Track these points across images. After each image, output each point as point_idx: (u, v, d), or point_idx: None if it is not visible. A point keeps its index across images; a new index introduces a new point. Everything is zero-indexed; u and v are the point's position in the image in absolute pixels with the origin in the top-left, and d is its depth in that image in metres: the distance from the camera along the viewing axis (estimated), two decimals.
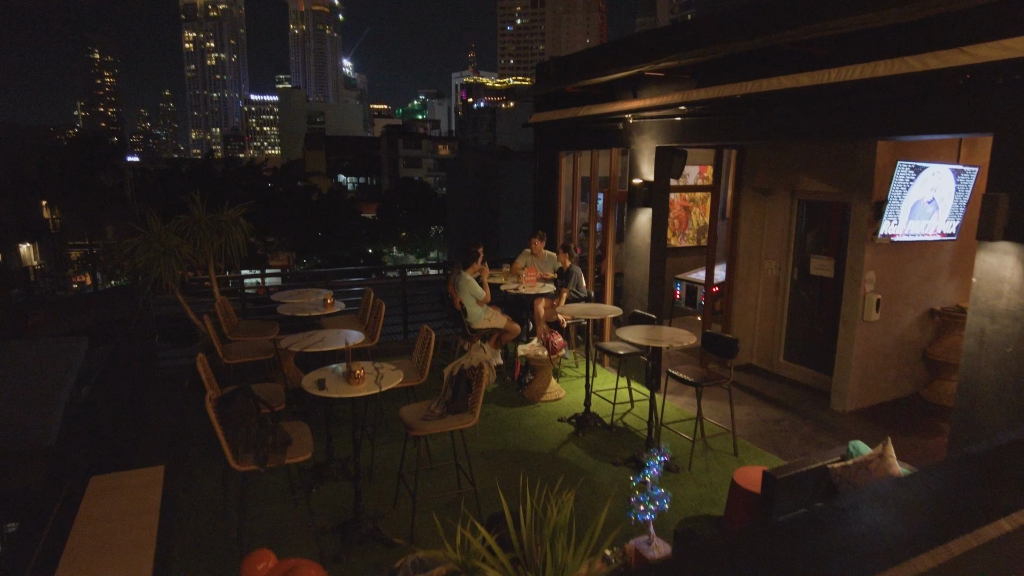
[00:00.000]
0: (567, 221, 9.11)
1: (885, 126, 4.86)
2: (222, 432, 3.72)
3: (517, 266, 7.83)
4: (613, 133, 7.43)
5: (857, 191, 6.42)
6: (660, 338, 5.14)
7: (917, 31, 4.25)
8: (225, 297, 6.79)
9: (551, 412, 6.50)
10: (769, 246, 7.99)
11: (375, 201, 57.82)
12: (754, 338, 8.22)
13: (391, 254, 54.13)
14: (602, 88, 7.35)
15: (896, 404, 6.89)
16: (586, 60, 8.14)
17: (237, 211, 6.97)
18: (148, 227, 6.43)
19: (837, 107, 5.00)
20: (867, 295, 6.49)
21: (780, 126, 5.49)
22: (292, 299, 6.59)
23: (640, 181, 6.96)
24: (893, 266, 6.60)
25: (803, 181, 7.38)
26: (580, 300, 7.30)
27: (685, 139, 6.54)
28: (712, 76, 5.83)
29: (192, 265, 7.01)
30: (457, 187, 44.43)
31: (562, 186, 9.03)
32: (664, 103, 6.36)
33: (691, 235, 10.22)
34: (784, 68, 5.11)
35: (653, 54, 6.35)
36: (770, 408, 6.80)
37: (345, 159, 72.92)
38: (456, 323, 7.24)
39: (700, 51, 5.43)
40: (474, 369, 4.19)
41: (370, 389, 3.81)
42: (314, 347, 4.72)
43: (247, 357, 5.87)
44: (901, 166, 5.83)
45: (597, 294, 8.19)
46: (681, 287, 8.86)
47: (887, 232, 6.12)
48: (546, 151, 9.03)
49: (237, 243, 6.92)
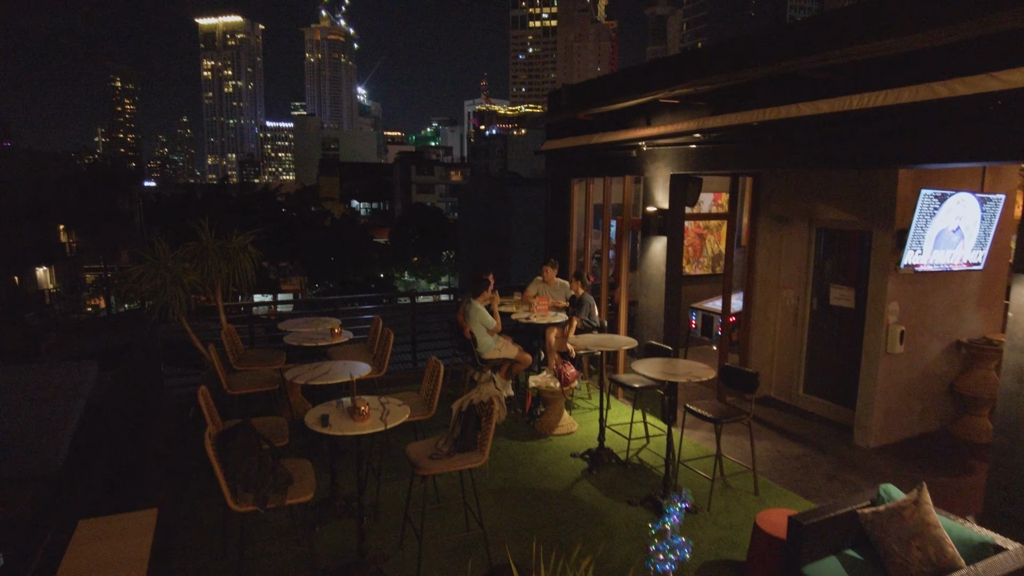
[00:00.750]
0: (579, 248, 8.98)
1: (909, 154, 4.71)
2: (221, 470, 3.57)
3: (528, 294, 7.69)
4: (626, 160, 7.33)
5: (878, 219, 6.25)
6: (677, 372, 4.95)
7: (942, 56, 4.12)
8: (232, 325, 6.69)
9: (563, 447, 6.29)
10: (787, 275, 7.80)
11: (387, 226, 58.18)
12: (772, 369, 7.99)
13: (402, 279, 54.26)
14: (615, 115, 7.27)
15: (923, 440, 6.62)
16: (599, 88, 8.09)
17: (246, 238, 6.90)
18: (155, 254, 6.37)
19: (859, 134, 4.85)
20: (890, 326, 6.27)
21: (799, 154, 5.35)
22: (300, 328, 6.47)
23: (655, 209, 6.83)
24: (917, 297, 6.39)
25: (821, 209, 7.21)
26: (593, 329, 7.12)
27: (700, 167, 6.41)
28: (728, 103, 5.72)
29: (201, 290, 6.92)
30: (468, 212, 44.62)
31: (574, 213, 8.92)
32: (679, 130, 6.25)
33: (706, 263, 10.06)
34: (803, 94, 4.98)
35: (667, 81, 6.26)
36: (790, 443, 6.55)
37: (358, 185, 73.66)
38: (466, 353, 7.08)
39: (716, 78, 5.32)
40: (484, 404, 4.02)
41: (375, 427, 3.66)
42: (319, 380, 4.58)
43: (252, 388, 5.74)
44: (925, 195, 5.67)
45: (610, 323, 8.02)
46: (697, 316, 8.67)
47: (911, 262, 5.93)
48: (558, 178, 8.94)
49: (245, 270, 6.84)
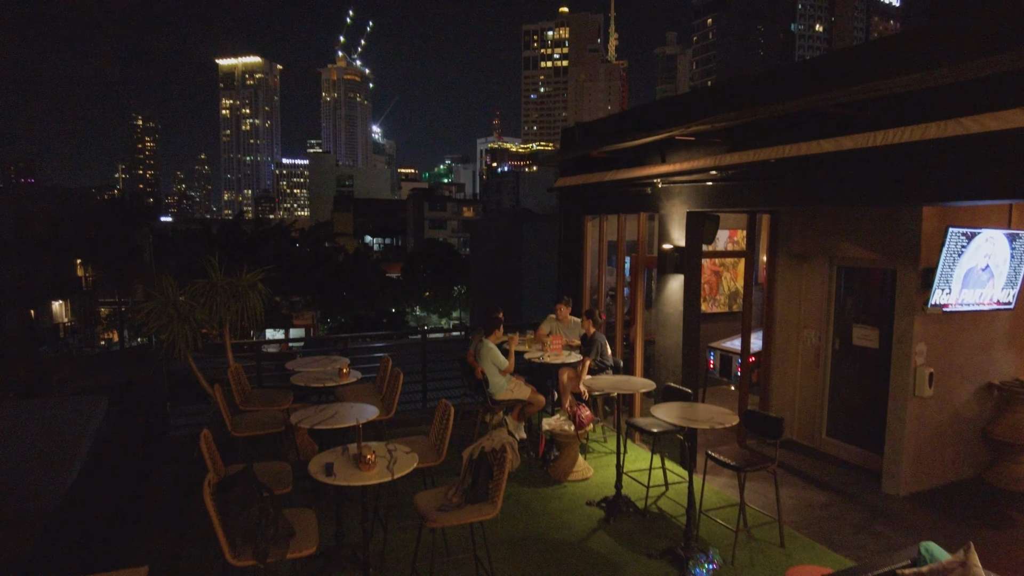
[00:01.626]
0: (593, 286, 8.83)
1: (937, 191, 4.56)
2: (220, 522, 3.39)
3: (541, 332, 7.51)
4: (641, 197, 7.23)
5: (902, 258, 6.06)
6: (698, 418, 4.74)
7: (970, 91, 3.99)
8: (239, 364, 6.57)
9: (578, 494, 6.04)
10: (807, 314, 7.59)
11: (400, 261, 58.46)
12: (794, 412, 7.72)
13: (414, 313, 54.25)
14: (629, 152, 7.20)
15: (956, 488, 6.29)
16: (612, 125, 8.05)
17: (255, 275, 6.83)
18: (163, 291, 6.30)
19: (883, 171, 4.72)
20: (918, 368, 6.03)
21: (821, 191, 5.21)
22: (308, 367, 6.34)
23: (671, 247, 6.69)
24: (945, 337, 6.15)
25: (842, 247, 7.04)
26: (606, 369, 6.92)
27: (717, 204, 6.29)
28: (746, 139, 5.62)
29: (209, 328, 6.82)
30: (480, 248, 44.76)
31: (587, 250, 8.80)
32: (695, 167, 6.15)
33: (722, 300, 9.85)
34: (824, 131, 4.87)
35: (683, 118, 6.18)
36: (816, 491, 6.26)
37: (372, 221, 74.45)
38: (477, 393, 6.89)
39: (734, 114, 5.23)
40: (496, 452, 3.83)
41: (382, 476, 3.48)
42: (325, 424, 4.42)
43: (257, 430, 5.58)
44: (952, 233, 5.49)
45: (626, 363, 7.81)
46: (715, 356, 8.44)
47: (939, 302, 5.73)
48: (571, 215, 8.85)
49: (254, 308, 6.75)
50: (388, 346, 11.23)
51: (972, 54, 3.86)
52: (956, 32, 4.25)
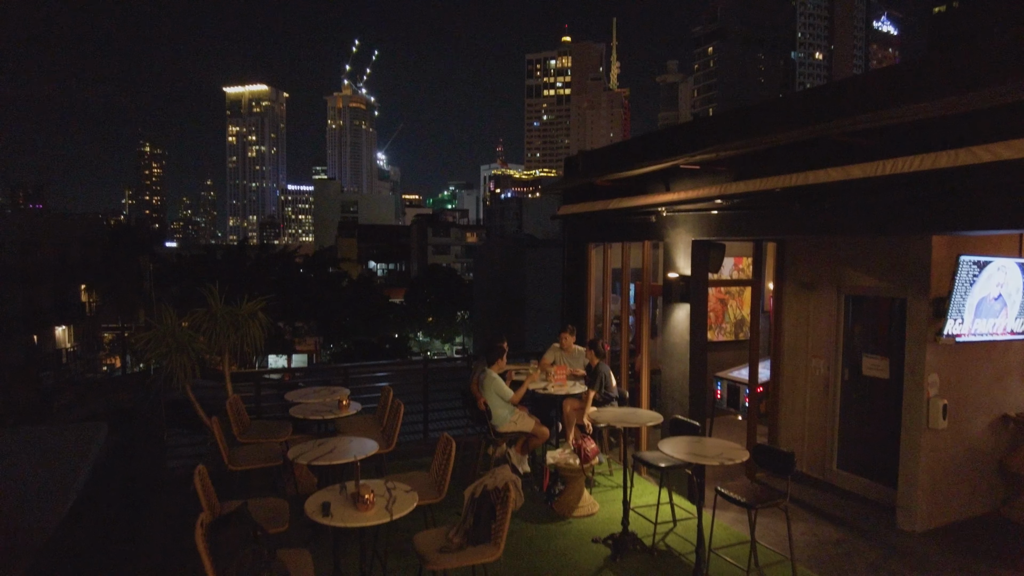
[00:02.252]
0: (598, 314, 8.73)
1: (949, 221, 4.48)
2: (212, 566, 3.26)
3: (545, 362, 7.38)
4: (645, 226, 7.16)
5: (912, 286, 5.96)
6: (707, 453, 4.60)
7: (982, 119, 3.93)
8: (238, 395, 6.46)
9: (584, 530, 5.86)
10: (815, 343, 7.46)
11: (403, 287, 58.46)
12: (803, 443, 7.55)
13: (416, 339, 54.09)
14: (632, 181, 7.15)
15: (975, 524, 6.10)
16: (615, 153, 8.03)
17: (256, 304, 6.75)
18: (162, 320, 6.22)
19: (892, 201, 4.65)
20: (931, 399, 5.89)
21: (829, 221, 5.14)
22: (307, 399, 6.22)
23: (676, 275, 6.60)
24: (958, 368, 6.02)
25: (850, 275, 6.94)
26: (611, 401, 6.78)
27: (723, 233, 6.21)
28: (752, 168, 5.56)
29: (208, 357, 6.72)
30: (484, 273, 44.80)
31: (591, 278, 8.72)
32: (699, 196, 6.09)
33: (728, 329, 9.73)
34: (831, 159, 4.81)
35: (687, 147, 6.14)
36: (828, 526, 6.07)
37: (376, 246, 74.70)
38: (479, 424, 6.75)
39: (740, 143, 5.18)
40: (499, 491, 3.70)
41: (380, 517, 3.35)
42: (323, 459, 4.30)
43: (255, 464, 5.45)
44: (964, 262, 5.40)
45: (632, 393, 7.67)
46: (722, 386, 8.29)
47: (952, 332, 5.61)
48: (575, 243, 8.79)
49: (254, 337, 6.66)
50: (390, 374, 11.10)
51: (983, 82, 3.81)
52: (966, 60, 4.21)
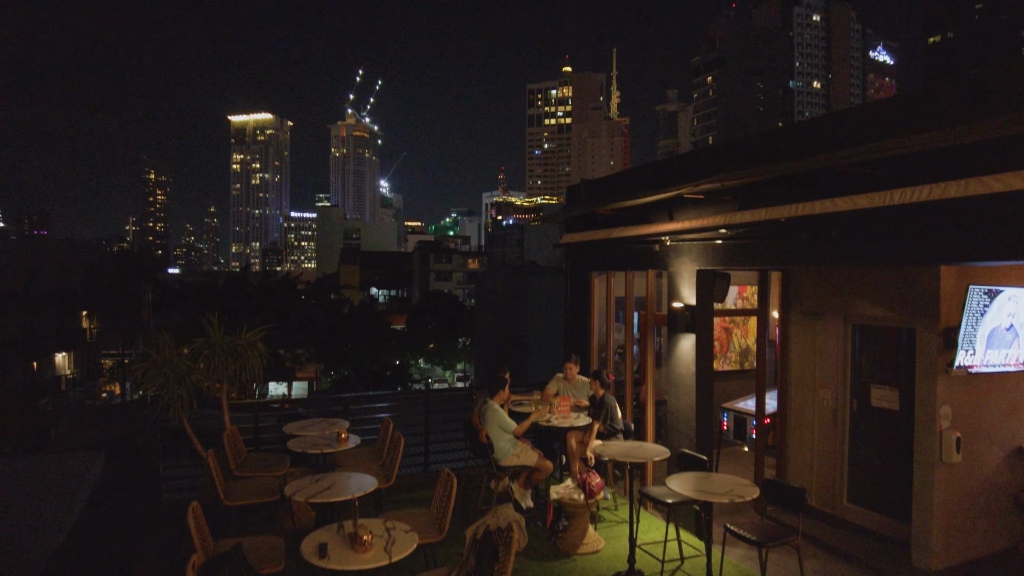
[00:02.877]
0: (601, 343, 8.63)
1: (958, 251, 4.41)
2: None
3: (548, 393, 7.26)
4: (649, 255, 7.10)
5: (921, 316, 5.87)
6: (715, 490, 4.47)
7: (992, 149, 3.88)
8: (235, 427, 6.34)
9: (589, 568, 5.68)
10: (822, 374, 7.33)
11: (405, 313, 58.36)
12: (812, 476, 7.37)
13: (418, 366, 53.83)
14: (635, 210, 7.12)
15: (993, 562, 5.91)
16: (618, 182, 8.01)
17: (255, 334, 6.67)
18: (160, 351, 6.14)
19: (901, 231, 4.59)
20: (944, 432, 5.75)
21: (836, 251, 5.08)
22: (306, 431, 6.10)
23: (681, 305, 6.52)
24: (970, 400, 5.89)
25: (857, 305, 6.85)
26: (617, 434, 6.64)
27: (728, 262, 6.15)
28: (757, 198, 5.52)
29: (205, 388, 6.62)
30: (485, 300, 44.76)
31: (595, 307, 8.64)
32: (704, 226, 6.04)
33: (733, 358, 9.61)
34: (838, 189, 4.76)
35: (690, 176, 6.11)
36: (840, 564, 5.89)
37: (378, 273, 74.85)
38: (481, 457, 6.61)
39: (745, 172, 5.14)
40: (502, 531, 3.57)
41: (379, 559, 3.22)
42: (321, 496, 4.17)
43: (251, 499, 5.32)
44: (973, 291, 5.32)
45: (637, 425, 7.52)
46: (728, 417, 8.15)
47: (964, 363, 5.50)
48: (578, 271, 8.73)
49: (253, 367, 6.56)
50: (390, 404, 10.95)
51: (993, 111, 3.77)
52: (975, 89, 4.19)
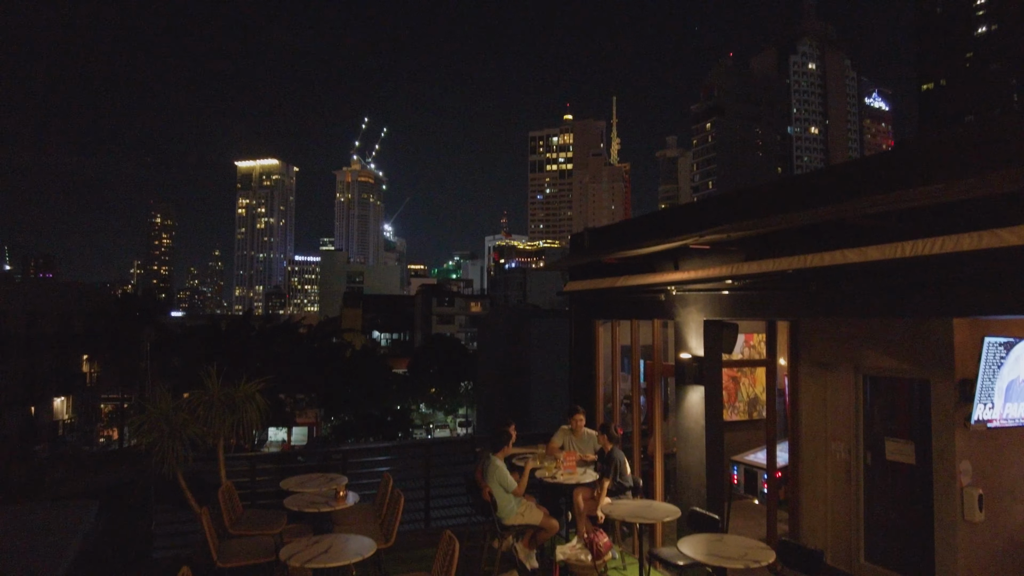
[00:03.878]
0: (607, 393, 8.46)
1: (972, 304, 4.32)
2: None
3: (554, 446, 7.05)
4: (654, 304, 7.01)
5: (934, 368, 5.73)
6: (729, 554, 4.28)
7: (1006, 201, 3.83)
8: (231, 482, 6.15)
9: None
10: (834, 425, 7.14)
11: (407, 357, 58.09)
12: (827, 532, 7.10)
13: (419, 411, 53.25)
14: (640, 258, 7.06)
15: None
16: (621, 231, 7.99)
17: (254, 386, 6.54)
18: (155, 402, 6.01)
19: (913, 283, 4.50)
20: (965, 489, 5.55)
21: (846, 302, 4.98)
22: (303, 487, 5.91)
23: (689, 356, 6.40)
24: (992, 455, 5.70)
25: (868, 355, 6.71)
26: (625, 491, 6.43)
27: (736, 313, 6.05)
28: (764, 248, 5.45)
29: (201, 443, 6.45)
30: (488, 344, 44.48)
31: (600, 356, 8.50)
32: (710, 276, 5.96)
33: (741, 408, 9.42)
34: (847, 240, 4.69)
35: (695, 225, 6.07)
36: None
37: (380, 316, 74.89)
38: (484, 515, 6.38)
39: (752, 222, 5.10)
40: None
41: None
42: (318, 561, 3.99)
43: (245, 560, 5.10)
44: (989, 343, 5.20)
45: (645, 479, 7.29)
46: (739, 471, 7.92)
47: (982, 417, 5.34)
48: (582, 319, 8.63)
49: (251, 420, 6.42)
50: (390, 457, 10.71)
51: (1005, 162, 3.73)
52: (987, 139, 4.16)
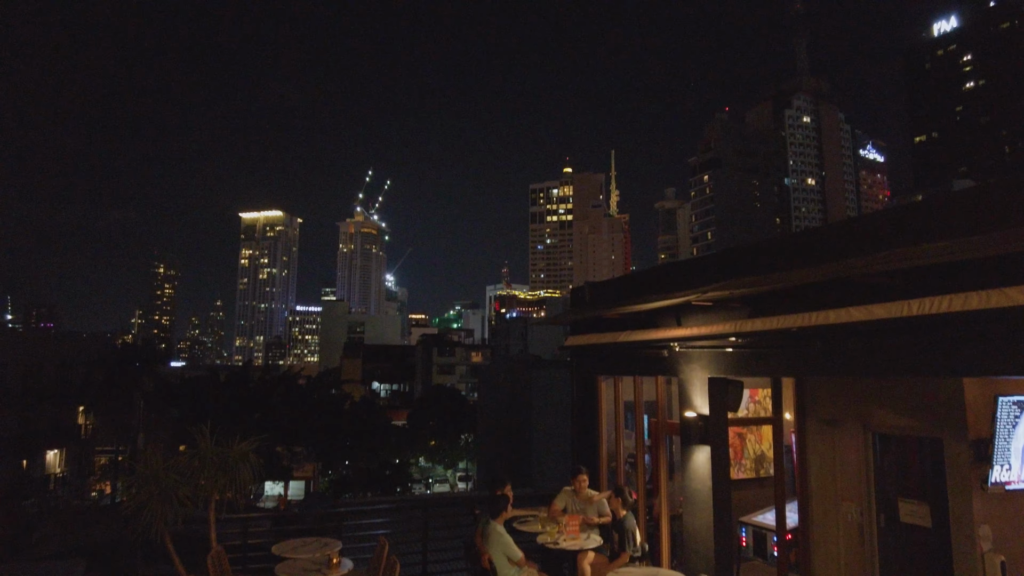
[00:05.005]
0: (610, 451, 8.25)
1: (981, 363, 4.22)
2: None
3: (556, 508, 6.80)
4: (657, 360, 6.91)
5: (947, 427, 5.58)
6: None
7: (1013, 260, 3.78)
8: (221, 547, 5.92)
9: None
10: (844, 485, 6.92)
11: (407, 408, 57.47)
12: None
13: (418, 464, 52.28)
14: (642, 313, 6.99)
15: None
16: (622, 285, 7.95)
17: (249, 444, 6.37)
18: (146, 463, 5.83)
19: (921, 342, 4.42)
20: (986, 555, 5.31)
21: (853, 361, 4.89)
22: (296, 552, 5.69)
23: (694, 415, 6.25)
24: (1012, 519, 5.49)
25: (877, 412, 6.55)
26: (634, 561, 6.16)
27: (740, 371, 5.94)
28: (768, 305, 5.39)
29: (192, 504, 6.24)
30: (488, 395, 43.96)
31: (603, 412, 8.34)
32: (713, 333, 5.89)
33: (748, 465, 9.15)
34: (851, 297, 4.64)
35: (698, 281, 6.02)
36: None
37: (380, 367, 74.38)
38: None
39: (754, 279, 5.05)
40: None
41: None
42: None
43: None
44: (1003, 403, 5.07)
45: (651, 543, 7.03)
46: (747, 532, 7.64)
47: (1000, 480, 5.17)
48: (583, 375, 8.50)
49: (244, 481, 6.22)
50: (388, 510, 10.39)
51: (1012, 221, 3.70)
52: (993, 197, 4.15)
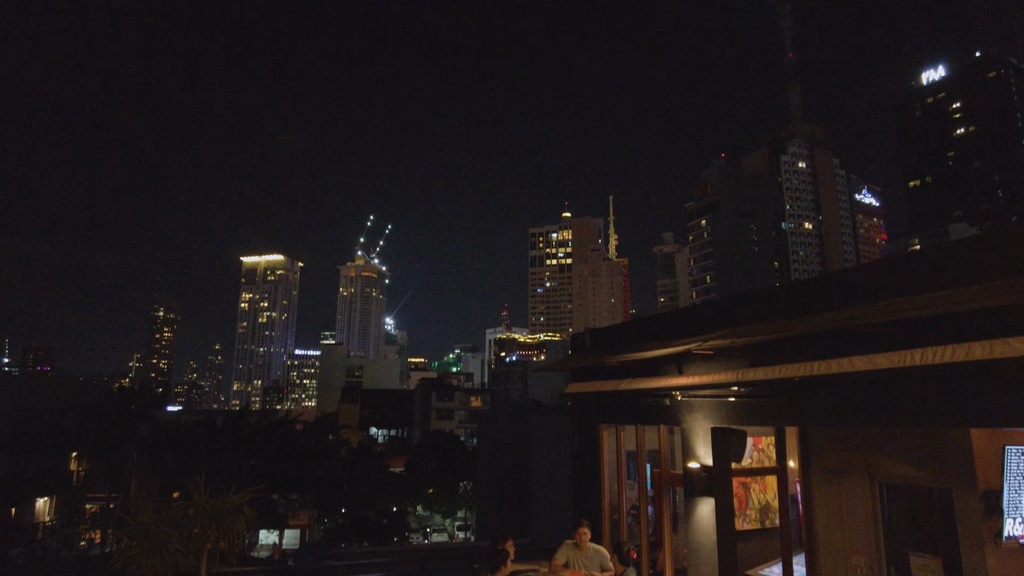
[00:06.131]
0: (613, 503, 8.07)
1: (988, 414, 4.17)
2: None
3: (557, 563, 6.61)
4: (659, 409, 6.83)
5: (956, 477, 5.46)
6: None
7: (1013, 310, 3.77)
8: None
9: None
10: (852, 537, 6.74)
11: (404, 454, 56.50)
12: None
13: (416, 513, 51.10)
14: (643, 361, 6.95)
15: None
16: (623, 332, 7.92)
17: (243, 496, 6.24)
18: (136, 516, 5.70)
19: (926, 392, 4.37)
20: None
21: (857, 411, 4.84)
22: None
23: (698, 466, 6.14)
24: None
25: (883, 462, 6.43)
26: None
27: (743, 420, 5.87)
28: (770, 354, 5.36)
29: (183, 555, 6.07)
30: (488, 441, 43.28)
31: (604, 461, 8.19)
32: (715, 382, 5.84)
33: (753, 515, 8.94)
34: (855, 347, 4.61)
35: (699, 328, 6.01)
36: None
37: (378, 412, 73.51)
38: None
39: (755, 327, 5.03)
40: None
41: None
42: None
43: None
44: (1011, 452, 4.98)
45: None
46: None
47: (1014, 533, 5.04)
48: (584, 423, 8.39)
49: (237, 533, 6.08)
50: (383, 575, 10.09)
51: (1016, 270, 3.70)
52: (995, 247, 4.16)
